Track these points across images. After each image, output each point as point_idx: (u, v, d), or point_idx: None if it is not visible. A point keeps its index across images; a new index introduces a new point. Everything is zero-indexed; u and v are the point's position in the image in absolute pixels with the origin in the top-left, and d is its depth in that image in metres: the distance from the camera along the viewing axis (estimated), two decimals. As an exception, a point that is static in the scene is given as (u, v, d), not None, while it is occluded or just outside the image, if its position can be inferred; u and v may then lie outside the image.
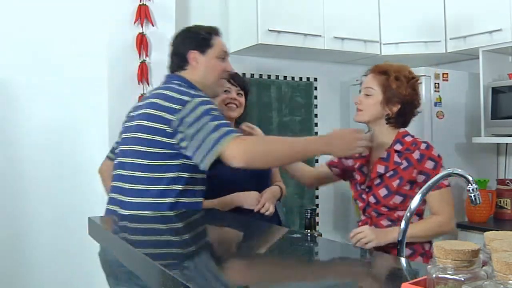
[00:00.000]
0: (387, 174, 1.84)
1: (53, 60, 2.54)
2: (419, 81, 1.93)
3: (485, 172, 3.17)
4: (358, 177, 1.97)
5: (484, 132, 2.98)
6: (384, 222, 1.87)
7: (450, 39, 3.09)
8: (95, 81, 2.57)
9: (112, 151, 2.04)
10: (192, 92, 1.74)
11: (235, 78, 2.37)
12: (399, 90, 1.85)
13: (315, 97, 3.48)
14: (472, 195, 1.45)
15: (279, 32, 2.86)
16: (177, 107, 1.70)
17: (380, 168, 1.85)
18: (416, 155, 1.83)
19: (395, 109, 1.87)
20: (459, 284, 0.71)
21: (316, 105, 3.48)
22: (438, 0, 3.13)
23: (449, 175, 1.47)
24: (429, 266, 0.75)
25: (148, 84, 2.56)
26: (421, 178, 1.81)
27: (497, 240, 0.76)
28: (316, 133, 3.47)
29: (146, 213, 1.71)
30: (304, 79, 3.43)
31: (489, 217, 2.97)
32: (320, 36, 3.01)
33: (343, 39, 3.09)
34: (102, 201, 2.54)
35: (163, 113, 1.71)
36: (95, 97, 2.58)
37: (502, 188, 3.04)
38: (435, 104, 2.97)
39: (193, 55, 1.88)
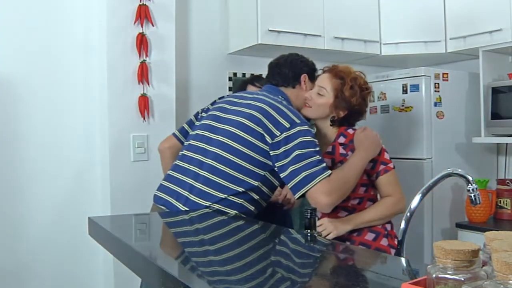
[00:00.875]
0: (335, 167, 1.87)
1: (53, 60, 2.54)
2: (371, 93, 2.02)
3: (485, 172, 3.17)
4: None
5: (484, 132, 2.98)
6: (341, 214, 1.91)
7: (450, 39, 3.09)
8: (95, 81, 2.57)
9: (182, 132, 2.09)
10: (301, 116, 1.84)
11: (260, 81, 2.48)
12: (351, 99, 1.92)
13: (315, 97, 3.47)
14: (472, 195, 1.45)
15: (279, 32, 2.86)
16: (286, 124, 1.77)
17: (328, 162, 1.88)
18: None
19: (342, 114, 1.94)
20: (459, 284, 0.71)
21: (316, 105, 3.47)
22: (438, 0, 3.13)
23: (449, 175, 1.47)
24: (429, 266, 0.75)
25: (148, 84, 2.56)
26: (368, 165, 1.87)
27: (497, 240, 0.76)
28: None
29: (215, 205, 1.75)
30: (304, 79, 3.43)
31: (489, 217, 2.97)
32: (320, 36, 3.01)
33: (343, 39, 3.09)
34: (102, 201, 2.55)
35: (271, 125, 1.78)
36: (95, 97, 2.58)
37: (502, 188, 3.04)
38: (435, 104, 2.97)
39: (305, 78, 2.01)
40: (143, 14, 2.53)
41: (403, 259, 1.30)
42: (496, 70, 3.03)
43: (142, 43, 2.53)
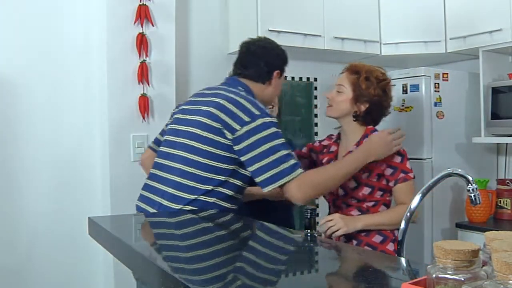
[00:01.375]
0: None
1: (53, 60, 2.54)
2: (390, 84, 2.01)
3: (485, 172, 3.17)
4: None
5: (484, 132, 2.98)
6: (354, 213, 1.93)
7: (450, 39, 3.09)
8: (95, 81, 2.57)
9: (156, 142, 2.09)
10: (262, 107, 1.80)
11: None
12: (368, 90, 1.94)
13: (315, 97, 3.47)
14: (472, 195, 1.45)
15: (279, 32, 2.86)
16: (246, 118, 1.74)
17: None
18: None
19: (363, 107, 1.96)
20: (459, 284, 0.71)
21: (316, 105, 3.48)
22: (438, 0, 3.13)
23: (449, 175, 1.47)
24: (429, 266, 0.75)
25: (148, 84, 2.56)
26: (389, 171, 1.90)
27: (497, 240, 0.76)
28: (316, 133, 3.47)
29: (187, 207, 1.75)
30: (304, 79, 3.43)
31: (489, 217, 2.97)
32: (320, 36, 3.01)
33: (343, 39, 3.09)
34: (102, 201, 2.55)
35: (230, 119, 1.75)
36: (95, 97, 2.58)
37: (502, 188, 3.04)
38: (435, 104, 2.97)
39: (277, 74, 1.99)
40: (143, 14, 2.53)
41: (403, 259, 1.30)
42: (496, 70, 3.03)
43: (142, 43, 2.53)
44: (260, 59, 1.97)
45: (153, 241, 1.53)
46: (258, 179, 1.71)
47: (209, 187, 1.75)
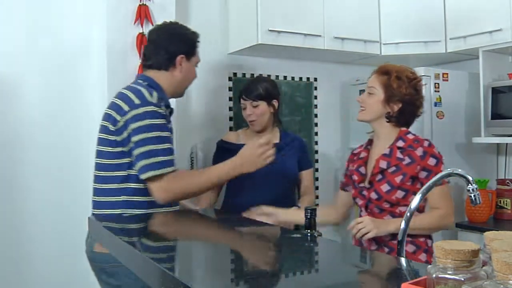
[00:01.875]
0: (389, 170, 1.88)
1: (53, 60, 2.54)
2: (421, 82, 1.99)
3: (485, 172, 3.17)
4: (355, 177, 2.02)
5: (484, 132, 2.98)
6: (387, 218, 1.89)
7: (450, 39, 3.09)
8: (95, 81, 2.57)
9: None
10: (151, 99, 1.77)
11: (247, 92, 2.54)
12: (400, 90, 1.92)
13: (315, 97, 3.47)
14: (472, 195, 1.45)
15: (279, 32, 2.86)
16: (126, 108, 1.76)
17: (383, 164, 1.90)
18: (419, 152, 1.88)
19: (396, 108, 1.94)
20: (459, 284, 0.71)
21: (316, 105, 3.48)
22: (438, 0, 3.13)
23: (449, 175, 1.48)
24: (429, 266, 0.75)
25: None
26: (423, 174, 1.86)
27: (497, 240, 0.76)
28: (316, 133, 3.47)
29: (107, 211, 1.80)
30: (304, 79, 3.43)
31: (489, 217, 2.97)
32: (320, 36, 3.01)
33: (343, 39, 3.09)
34: (102, 201, 2.55)
35: (114, 112, 1.78)
36: (95, 97, 2.58)
37: (502, 188, 3.04)
38: (435, 104, 2.97)
39: (181, 60, 1.93)
40: (143, 14, 2.53)
41: (403, 259, 1.30)
42: (496, 70, 3.02)
43: (142, 43, 2.52)
44: (159, 46, 1.93)
45: (154, 240, 1.53)
46: (135, 169, 1.74)
47: (114, 186, 1.78)
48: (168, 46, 1.92)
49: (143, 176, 1.72)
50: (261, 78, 2.86)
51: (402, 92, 1.92)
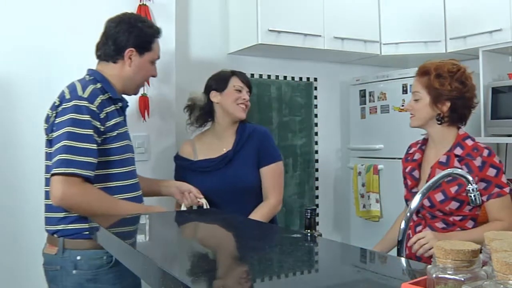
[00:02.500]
0: (445, 179, 1.72)
1: (53, 60, 2.54)
2: (466, 72, 1.85)
3: (485, 172, 3.16)
4: (408, 182, 1.92)
5: (484, 132, 2.98)
6: (439, 225, 1.80)
7: (450, 39, 3.09)
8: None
9: None
10: (82, 93, 1.71)
11: (244, 77, 2.40)
12: (444, 88, 1.79)
13: (315, 97, 3.48)
14: (472, 195, 1.45)
15: (279, 32, 2.86)
16: (57, 102, 1.76)
17: (439, 173, 1.67)
18: (477, 162, 1.76)
19: (445, 108, 1.82)
20: (459, 284, 0.71)
21: (316, 105, 3.48)
22: (438, 0, 3.13)
23: (449, 175, 1.48)
24: (429, 266, 0.75)
25: (148, 84, 2.56)
26: (482, 185, 1.74)
27: (497, 240, 0.76)
28: (316, 133, 3.47)
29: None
30: (304, 79, 3.43)
31: (489, 217, 2.97)
32: (320, 36, 3.01)
33: (343, 39, 3.09)
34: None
35: (49, 109, 1.80)
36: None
37: (502, 188, 3.04)
38: (435, 104, 2.97)
39: (131, 53, 1.85)
40: (143, 14, 2.52)
41: (403, 259, 1.30)
42: (496, 70, 3.03)
43: (142, 43, 2.52)
44: (108, 37, 1.85)
45: (154, 240, 1.53)
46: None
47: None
48: (117, 37, 1.84)
49: (51, 173, 1.63)
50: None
51: (447, 89, 1.79)
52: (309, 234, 1.40)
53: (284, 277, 1.06)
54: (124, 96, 1.95)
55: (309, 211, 1.44)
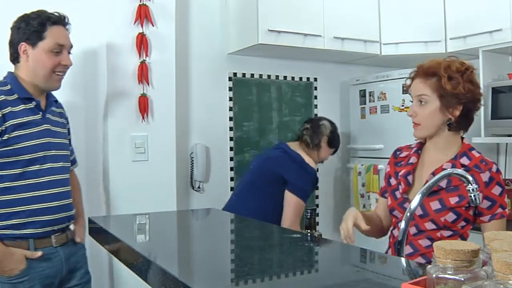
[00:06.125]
0: (447, 189, 1.62)
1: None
2: (473, 70, 1.68)
3: (485, 172, 3.16)
4: (402, 185, 1.72)
5: (484, 132, 2.98)
6: (423, 242, 1.64)
7: (450, 39, 3.09)
8: (95, 81, 2.57)
9: None
10: None
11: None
12: (456, 91, 1.61)
13: (315, 97, 3.48)
14: (472, 195, 1.44)
15: (279, 32, 2.86)
16: None
17: (442, 182, 1.58)
18: (485, 177, 1.61)
19: (457, 112, 1.64)
20: (459, 284, 0.71)
21: (316, 105, 3.48)
22: (438, 0, 3.13)
23: (449, 175, 1.47)
24: (429, 266, 0.75)
25: (148, 84, 2.56)
26: (486, 203, 1.61)
27: (497, 240, 0.76)
28: (316, 133, 3.47)
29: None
30: (304, 79, 3.43)
31: (489, 217, 2.97)
32: (320, 36, 3.01)
33: (343, 39, 3.09)
34: (102, 200, 2.55)
35: None
36: (95, 97, 2.57)
37: (502, 188, 3.03)
38: (435, 104, 2.97)
39: (24, 48, 1.86)
40: (143, 14, 2.53)
41: (403, 259, 1.30)
42: (496, 70, 3.02)
43: (142, 43, 2.53)
44: (9, 40, 1.89)
45: (154, 240, 1.53)
46: None
47: None
48: (12, 39, 1.87)
49: None
50: None
51: (461, 92, 1.60)
52: (309, 234, 1.40)
53: (284, 277, 1.06)
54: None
55: (309, 211, 1.44)
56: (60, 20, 1.91)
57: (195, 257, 1.28)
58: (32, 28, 1.84)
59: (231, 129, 3.13)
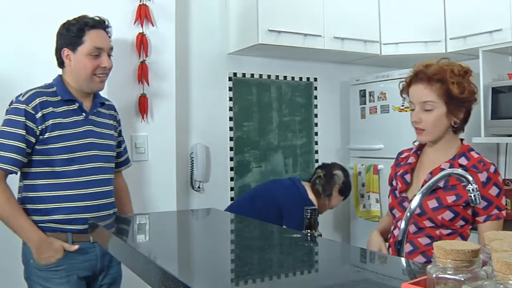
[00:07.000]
0: (445, 190, 1.64)
1: (52, 60, 2.54)
2: (471, 72, 1.73)
3: (485, 172, 3.16)
4: (399, 184, 1.76)
5: (484, 132, 2.98)
6: (423, 240, 1.66)
7: (450, 39, 3.09)
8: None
9: None
10: (21, 97, 1.86)
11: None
12: (463, 95, 1.64)
13: (315, 97, 3.48)
14: (472, 195, 1.44)
15: (279, 32, 2.86)
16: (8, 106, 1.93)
17: (439, 174, 1.57)
18: (482, 177, 1.63)
19: (462, 115, 1.69)
20: (459, 284, 0.71)
21: (316, 105, 3.48)
22: (438, 0, 3.13)
23: (449, 175, 1.47)
24: (429, 266, 0.75)
25: (148, 84, 2.56)
26: (482, 204, 1.60)
27: (497, 240, 0.76)
28: (316, 133, 3.47)
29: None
30: (304, 79, 3.43)
31: (489, 217, 2.97)
32: (320, 36, 3.01)
33: (343, 39, 3.09)
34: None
35: None
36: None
37: (502, 188, 3.04)
38: (435, 104, 2.97)
39: (66, 53, 1.94)
40: (143, 14, 2.53)
41: (403, 259, 1.30)
42: (496, 70, 3.02)
43: (142, 43, 2.53)
44: (55, 47, 1.98)
45: (154, 240, 1.53)
46: None
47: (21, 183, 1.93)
48: (56, 46, 1.97)
49: None
50: None
51: (466, 96, 1.65)
52: (309, 234, 1.40)
53: (284, 277, 1.06)
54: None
55: (309, 211, 1.44)
56: (98, 24, 2.00)
57: (195, 257, 1.28)
58: (71, 33, 1.92)
59: (231, 129, 3.13)
